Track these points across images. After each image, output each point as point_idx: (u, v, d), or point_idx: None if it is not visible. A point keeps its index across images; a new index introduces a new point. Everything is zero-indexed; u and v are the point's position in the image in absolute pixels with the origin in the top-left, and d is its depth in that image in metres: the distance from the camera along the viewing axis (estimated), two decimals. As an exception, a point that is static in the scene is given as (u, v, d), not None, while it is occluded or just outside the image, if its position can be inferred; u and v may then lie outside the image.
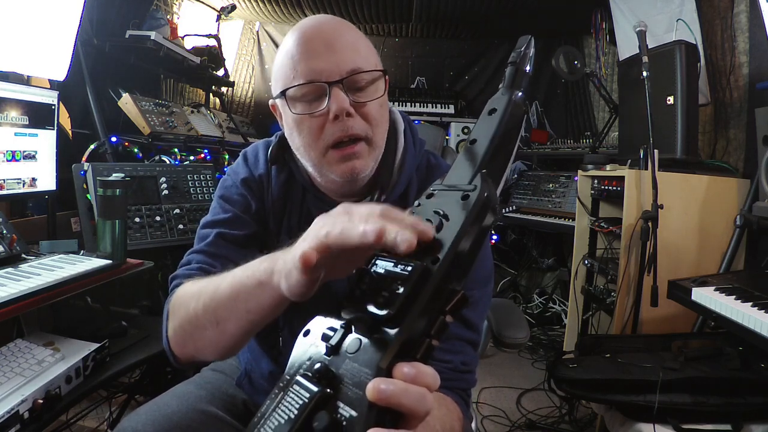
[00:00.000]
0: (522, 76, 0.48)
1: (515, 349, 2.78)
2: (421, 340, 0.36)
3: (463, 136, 3.57)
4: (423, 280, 0.36)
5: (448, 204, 0.40)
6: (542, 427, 2.08)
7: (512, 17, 3.37)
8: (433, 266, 0.36)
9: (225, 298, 0.60)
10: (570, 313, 2.40)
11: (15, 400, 0.92)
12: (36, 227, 1.61)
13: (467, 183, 0.41)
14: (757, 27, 1.95)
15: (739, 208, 1.87)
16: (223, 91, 3.35)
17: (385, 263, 0.40)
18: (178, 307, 0.68)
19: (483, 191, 0.39)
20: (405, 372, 0.34)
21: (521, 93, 0.47)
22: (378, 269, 0.40)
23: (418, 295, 0.36)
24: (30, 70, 1.65)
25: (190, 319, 0.65)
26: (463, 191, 0.40)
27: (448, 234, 0.38)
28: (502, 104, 0.46)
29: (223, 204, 0.88)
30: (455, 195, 0.40)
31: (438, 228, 0.39)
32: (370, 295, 0.38)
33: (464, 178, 0.42)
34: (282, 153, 0.88)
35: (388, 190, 0.86)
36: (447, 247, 0.37)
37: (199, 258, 0.82)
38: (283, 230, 0.88)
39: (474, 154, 0.44)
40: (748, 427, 1.25)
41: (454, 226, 0.38)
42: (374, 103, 0.78)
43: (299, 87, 0.76)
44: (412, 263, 0.37)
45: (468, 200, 0.39)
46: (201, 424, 0.79)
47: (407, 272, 0.37)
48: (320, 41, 0.75)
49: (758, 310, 1.21)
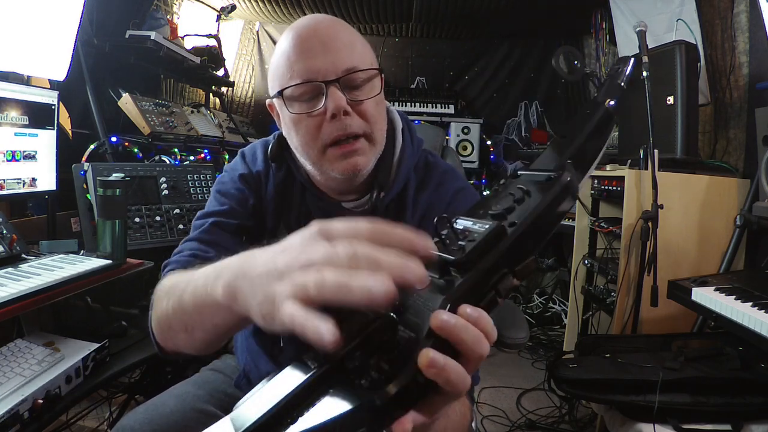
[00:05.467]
0: (616, 89, 0.54)
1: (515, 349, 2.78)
2: (487, 291, 0.38)
3: (463, 135, 3.56)
4: (496, 237, 0.38)
5: (532, 183, 0.43)
6: (542, 427, 2.08)
7: (512, 17, 3.37)
8: (510, 228, 0.39)
9: (189, 309, 0.55)
10: (570, 313, 2.40)
11: (15, 400, 0.92)
12: (36, 227, 1.61)
13: (552, 169, 0.43)
14: (757, 27, 1.95)
15: (739, 208, 1.86)
16: (223, 91, 3.35)
17: (464, 221, 0.42)
18: (157, 301, 0.66)
19: (567, 176, 0.41)
20: (468, 312, 0.35)
21: (614, 102, 0.52)
22: (458, 226, 0.41)
23: (489, 249, 0.38)
24: (30, 70, 1.65)
25: (164, 317, 0.63)
26: (548, 174, 0.42)
27: (528, 206, 0.40)
28: (597, 109, 0.51)
29: (219, 197, 0.88)
30: (540, 176, 0.43)
31: (519, 201, 0.41)
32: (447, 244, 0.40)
33: (550, 164, 0.45)
34: (281, 151, 0.88)
35: (387, 187, 0.86)
36: (525, 216, 0.39)
37: (193, 245, 0.81)
38: (281, 228, 0.88)
39: (563, 146, 0.48)
40: (748, 427, 1.25)
41: (534, 200, 0.40)
42: (371, 101, 0.78)
43: (296, 87, 0.76)
44: (490, 222, 0.39)
45: (551, 182, 0.41)
46: (199, 424, 0.79)
47: (485, 228, 0.39)
48: (316, 41, 0.75)
49: (758, 310, 1.21)
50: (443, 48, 3.96)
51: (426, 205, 0.88)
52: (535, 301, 3.47)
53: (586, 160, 0.47)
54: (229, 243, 0.82)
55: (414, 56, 3.99)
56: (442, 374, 0.33)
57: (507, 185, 0.45)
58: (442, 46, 3.96)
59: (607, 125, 0.51)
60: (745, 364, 1.33)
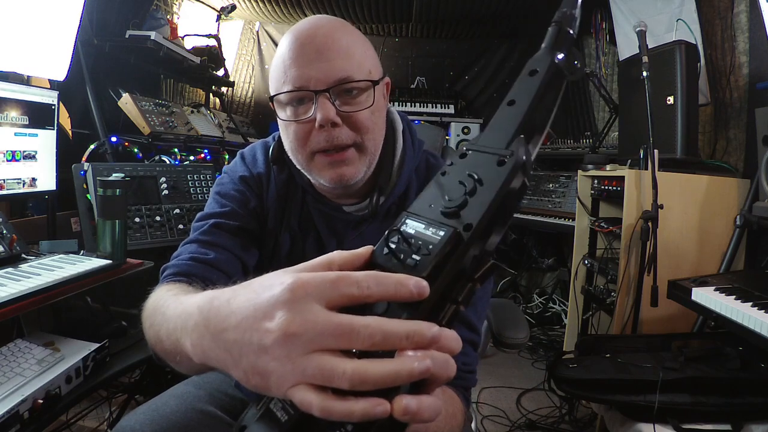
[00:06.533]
0: (565, 37, 0.45)
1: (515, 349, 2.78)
2: (448, 305, 0.35)
3: (463, 135, 3.57)
4: (454, 246, 0.35)
5: (483, 168, 0.39)
6: (542, 427, 2.08)
7: (512, 17, 3.38)
8: (466, 233, 0.35)
9: (168, 348, 0.51)
10: (570, 313, 2.40)
11: (15, 400, 0.92)
12: (36, 227, 1.61)
13: (504, 147, 0.39)
14: (757, 27, 1.95)
15: (739, 208, 1.86)
16: (223, 91, 3.35)
17: (415, 224, 0.38)
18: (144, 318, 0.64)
19: (520, 157, 0.37)
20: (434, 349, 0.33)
21: (563, 55, 0.44)
22: (408, 229, 0.38)
23: (447, 261, 0.35)
24: (30, 70, 1.65)
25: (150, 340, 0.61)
26: (499, 155, 0.38)
27: (482, 200, 0.36)
28: (544, 66, 0.43)
29: (219, 199, 0.87)
30: (491, 159, 0.39)
31: (471, 192, 0.37)
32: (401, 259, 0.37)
33: (500, 141, 0.40)
34: (282, 154, 0.88)
35: (388, 191, 0.86)
36: (480, 215, 0.36)
37: (192, 248, 0.81)
38: (283, 229, 0.88)
39: (511, 116, 0.42)
40: (748, 427, 1.25)
41: (488, 192, 0.37)
42: (364, 112, 0.77)
43: (287, 93, 0.76)
44: (444, 227, 0.36)
45: (504, 166, 0.37)
46: (199, 424, 0.79)
47: (438, 236, 0.36)
48: (312, 47, 0.74)
49: (758, 310, 1.21)
50: (443, 48, 3.96)
51: None
52: (535, 301, 3.47)
53: (537, 129, 0.42)
54: (229, 244, 0.82)
55: (414, 56, 3.99)
56: (416, 417, 0.32)
57: (456, 168, 0.41)
58: (442, 46, 3.96)
59: (558, 85, 0.44)
60: (745, 364, 1.33)
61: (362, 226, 0.87)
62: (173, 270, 0.77)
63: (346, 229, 0.87)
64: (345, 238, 0.87)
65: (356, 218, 0.87)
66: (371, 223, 0.87)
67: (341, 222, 0.87)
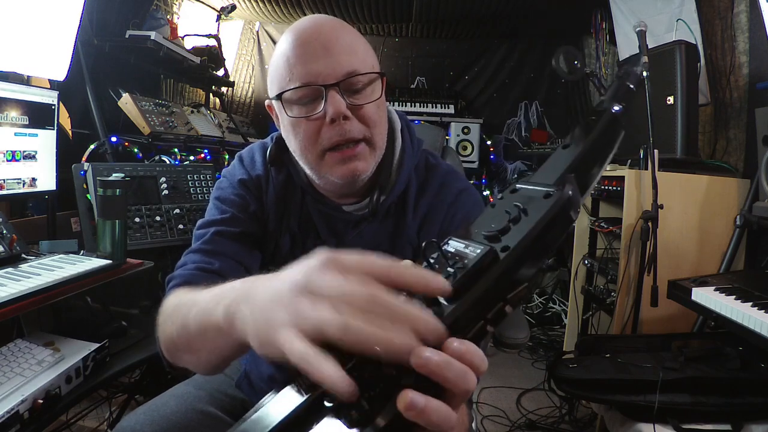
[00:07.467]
0: (625, 91, 0.49)
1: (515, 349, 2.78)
2: (476, 321, 0.36)
3: (463, 135, 3.56)
4: (488, 264, 0.36)
5: (530, 200, 0.40)
6: (542, 427, 2.08)
7: (512, 17, 3.38)
8: (502, 253, 0.36)
9: (193, 331, 0.54)
10: (570, 313, 2.40)
11: (15, 400, 0.92)
12: (36, 227, 1.61)
13: (552, 183, 0.41)
14: (757, 27, 1.95)
15: (739, 208, 1.86)
16: (223, 91, 3.35)
17: (457, 244, 0.39)
18: (162, 321, 0.65)
19: (566, 192, 0.38)
20: (454, 347, 0.33)
21: (621, 107, 0.47)
22: (449, 248, 0.40)
23: (478, 277, 0.36)
24: (30, 70, 1.65)
25: (169, 338, 0.62)
26: (547, 190, 0.39)
27: (524, 227, 0.38)
28: (602, 115, 0.47)
29: (219, 205, 0.87)
30: (538, 192, 0.40)
31: (514, 220, 0.39)
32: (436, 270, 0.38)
33: (550, 178, 0.42)
34: (280, 154, 0.87)
35: (387, 190, 0.86)
36: (519, 239, 0.37)
37: (196, 258, 0.81)
38: (283, 231, 0.88)
39: (564, 157, 0.44)
40: (748, 427, 1.25)
41: (531, 220, 0.38)
42: (372, 105, 0.77)
43: (295, 90, 0.75)
44: (482, 246, 0.37)
45: (550, 198, 0.38)
46: (200, 425, 0.79)
47: (476, 253, 0.37)
48: (317, 43, 0.74)
49: (758, 310, 1.21)
50: (443, 48, 3.96)
51: (427, 207, 0.87)
52: (535, 301, 3.47)
53: (589, 171, 0.44)
54: (232, 251, 0.81)
55: (414, 56, 3.99)
56: (422, 417, 0.31)
57: (505, 201, 0.43)
58: (442, 46, 3.96)
59: (614, 132, 0.46)
60: (745, 364, 1.33)
61: (362, 226, 0.87)
62: (180, 280, 0.76)
63: (346, 228, 0.87)
64: (345, 237, 0.87)
65: (356, 218, 0.87)
66: (371, 223, 0.87)
67: (341, 221, 0.87)
